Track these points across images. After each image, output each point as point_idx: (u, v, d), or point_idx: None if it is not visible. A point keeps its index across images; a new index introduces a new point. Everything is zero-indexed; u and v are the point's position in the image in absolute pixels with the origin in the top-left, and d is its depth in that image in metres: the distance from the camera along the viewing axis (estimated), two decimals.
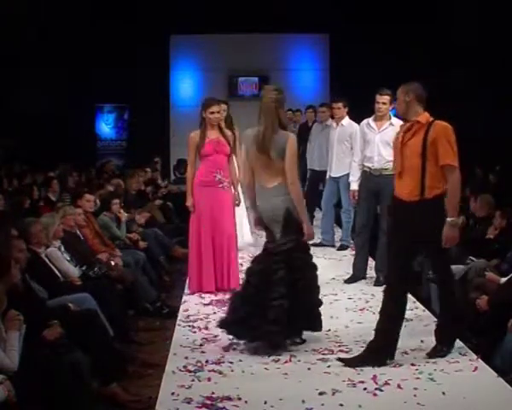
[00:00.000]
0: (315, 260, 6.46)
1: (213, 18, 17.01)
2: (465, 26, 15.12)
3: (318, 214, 11.68)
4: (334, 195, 10.60)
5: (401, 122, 8.19)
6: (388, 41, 16.69)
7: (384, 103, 8.29)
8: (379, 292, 7.65)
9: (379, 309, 5.97)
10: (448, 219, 5.57)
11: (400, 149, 5.79)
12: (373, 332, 6.05)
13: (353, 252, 10.16)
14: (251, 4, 16.65)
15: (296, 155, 6.21)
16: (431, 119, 5.73)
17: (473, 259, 7.38)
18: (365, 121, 8.55)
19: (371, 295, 7.81)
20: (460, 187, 5.68)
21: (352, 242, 10.25)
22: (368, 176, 8.39)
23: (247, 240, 10.11)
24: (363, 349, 5.88)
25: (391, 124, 8.26)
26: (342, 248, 10.45)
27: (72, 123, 17.07)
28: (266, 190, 6.21)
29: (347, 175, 9.37)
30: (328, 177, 10.56)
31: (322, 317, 6.45)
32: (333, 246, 10.59)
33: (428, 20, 16.16)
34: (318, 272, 6.36)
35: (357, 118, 9.50)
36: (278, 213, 6.13)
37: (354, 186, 8.75)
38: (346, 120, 10.18)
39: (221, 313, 7.32)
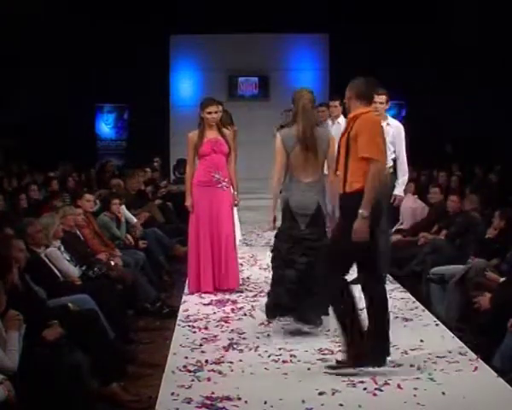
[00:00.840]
0: None
1: (213, 18, 17.01)
2: (465, 26, 15.10)
3: None
4: None
5: (397, 122, 8.24)
6: (388, 41, 16.71)
7: (381, 103, 8.13)
8: None
9: None
10: (359, 210, 5.42)
11: (338, 146, 5.85)
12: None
13: None
14: (251, 4, 16.65)
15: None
16: (359, 113, 5.67)
17: (472, 259, 7.38)
18: None
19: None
20: (377, 180, 5.45)
21: None
22: None
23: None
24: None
25: (388, 124, 8.14)
26: None
27: (72, 123, 17.06)
28: (302, 184, 6.61)
29: None
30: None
31: (323, 317, 6.48)
32: None
33: (428, 20, 16.15)
34: None
35: None
36: (310, 207, 6.57)
37: None
38: (342, 119, 10.14)
39: (221, 312, 7.34)
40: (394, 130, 8.28)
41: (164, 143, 18.36)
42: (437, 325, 6.91)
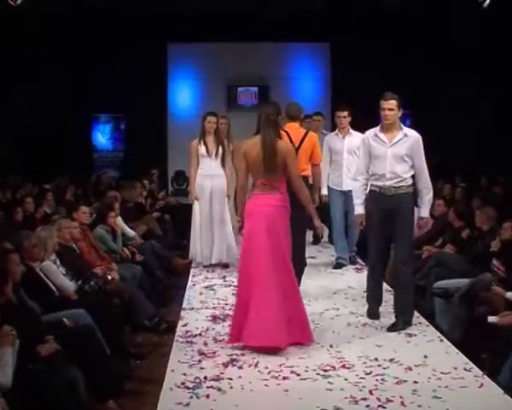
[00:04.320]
0: (315, 273, 6.49)
1: (212, 26, 17.00)
2: (465, 27, 15.06)
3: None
4: (342, 209, 10.13)
5: (415, 133, 7.31)
6: (390, 48, 16.71)
7: (391, 109, 7.18)
8: (383, 309, 7.67)
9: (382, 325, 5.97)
10: None
11: None
12: (376, 348, 6.05)
13: (353, 266, 10.20)
14: (250, 12, 16.64)
15: None
16: None
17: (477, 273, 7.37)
18: (371, 133, 7.39)
19: None
20: None
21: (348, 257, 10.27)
22: (378, 196, 7.32)
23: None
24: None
25: (405, 135, 7.26)
26: (339, 266, 10.12)
27: (67, 134, 17.05)
28: None
29: None
30: (330, 190, 10.13)
31: (325, 332, 6.47)
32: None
33: (429, 23, 16.10)
34: (318, 284, 6.45)
35: (360, 129, 9.22)
36: None
37: (360, 210, 7.56)
38: (351, 130, 10.11)
39: (220, 328, 7.32)
40: (412, 141, 7.28)
41: (162, 155, 18.35)
42: (441, 340, 6.88)
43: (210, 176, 10.23)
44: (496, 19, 13.48)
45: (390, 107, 7.19)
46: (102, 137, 19.29)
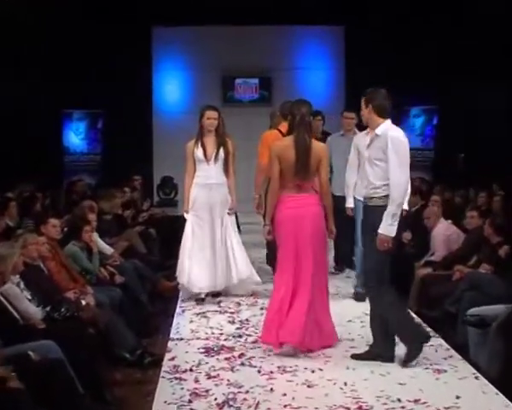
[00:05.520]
0: None
1: (204, 6, 17.05)
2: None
3: None
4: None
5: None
6: (414, 33, 16.73)
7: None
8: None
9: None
10: None
11: None
12: (398, 386, 6.02)
13: None
14: None
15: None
16: None
17: None
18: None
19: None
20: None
21: None
22: None
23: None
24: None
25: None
26: (360, 298, 9.71)
27: (33, 133, 17.04)
28: None
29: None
30: (352, 200, 9.25)
31: (338, 367, 6.48)
32: None
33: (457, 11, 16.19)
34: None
35: None
36: None
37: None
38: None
39: (214, 361, 7.32)
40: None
41: (146, 158, 18.38)
42: (476, 377, 6.87)
43: (208, 185, 9.80)
44: None
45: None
46: (76, 136, 19.36)
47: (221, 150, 9.78)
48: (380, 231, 7.09)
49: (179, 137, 10.56)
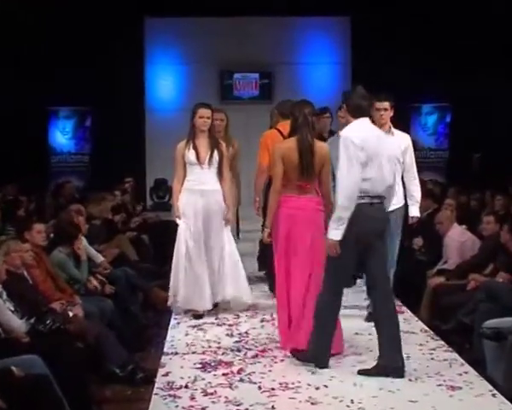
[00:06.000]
0: None
1: None
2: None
3: None
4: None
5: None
6: (427, 24, 16.73)
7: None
8: (415, 351, 7.66)
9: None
10: None
11: None
12: (409, 404, 5.99)
13: None
14: None
15: None
16: None
17: None
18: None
19: (405, 356, 7.73)
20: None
21: None
22: None
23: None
24: None
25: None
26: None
27: (17, 132, 17.04)
28: None
29: (401, 208, 8.93)
30: None
31: (344, 383, 6.43)
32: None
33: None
34: None
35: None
36: None
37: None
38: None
39: (211, 377, 7.30)
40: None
41: (138, 158, 18.38)
42: (494, 395, 6.83)
43: (200, 192, 9.52)
44: None
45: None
46: (62, 136, 19.37)
47: (215, 153, 9.50)
48: (327, 236, 7.25)
49: (173, 137, 10.46)
